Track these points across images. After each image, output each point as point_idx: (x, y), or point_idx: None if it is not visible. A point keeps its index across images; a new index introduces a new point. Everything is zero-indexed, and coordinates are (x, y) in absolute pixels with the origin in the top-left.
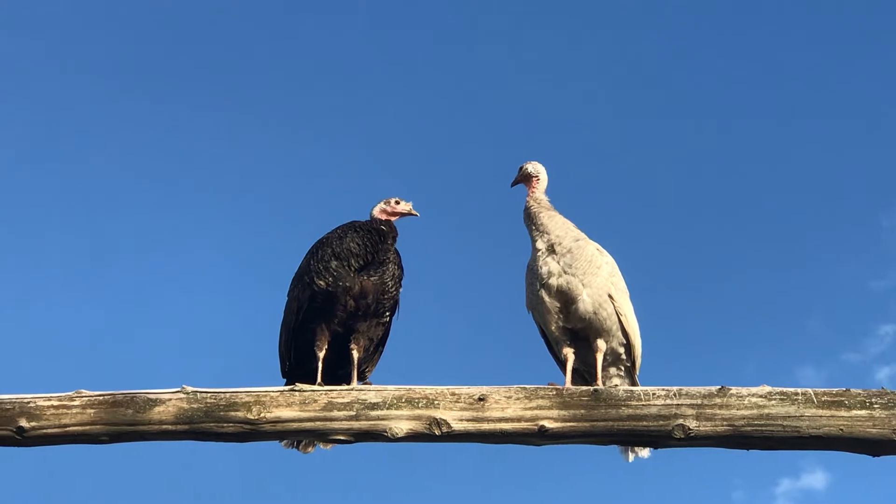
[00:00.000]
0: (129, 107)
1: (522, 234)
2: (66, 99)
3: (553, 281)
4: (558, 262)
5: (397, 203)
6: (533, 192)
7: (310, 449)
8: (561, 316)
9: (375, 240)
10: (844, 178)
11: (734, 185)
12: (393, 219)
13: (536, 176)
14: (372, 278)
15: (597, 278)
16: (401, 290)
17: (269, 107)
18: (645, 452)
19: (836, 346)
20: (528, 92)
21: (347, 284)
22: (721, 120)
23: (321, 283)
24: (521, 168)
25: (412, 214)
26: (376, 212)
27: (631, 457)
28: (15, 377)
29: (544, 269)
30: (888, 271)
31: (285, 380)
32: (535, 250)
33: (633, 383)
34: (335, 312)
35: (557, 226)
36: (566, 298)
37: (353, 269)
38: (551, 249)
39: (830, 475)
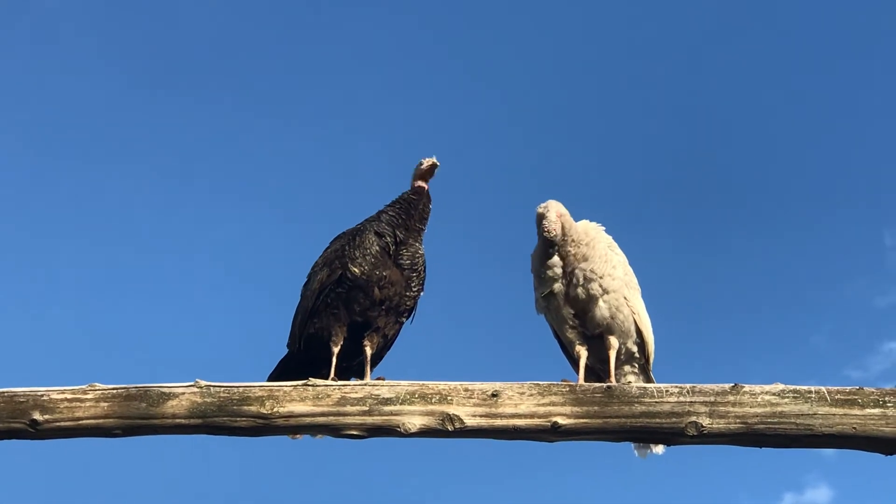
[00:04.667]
0: (145, 105)
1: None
2: (81, 99)
3: (566, 291)
4: (574, 274)
5: (420, 164)
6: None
7: (298, 436)
8: (577, 321)
9: (406, 207)
10: (849, 195)
11: (740, 202)
12: (424, 180)
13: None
14: (401, 261)
15: (614, 281)
16: (422, 294)
17: (286, 106)
18: (659, 449)
19: (840, 362)
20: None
21: (385, 273)
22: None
23: (355, 269)
24: (542, 224)
25: (435, 165)
26: (413, 181)
27: (646, 453)
28: (29, 370)
29: (557, 287)
30: (892, 288)
31: (287, 350)
32: (549, 266)
33: (648, 379)
34: (358, 300)
35: (581, 251)
36: (582, 307)
37: (392, 246)
38: (570, 270)
39: (834, 491)
